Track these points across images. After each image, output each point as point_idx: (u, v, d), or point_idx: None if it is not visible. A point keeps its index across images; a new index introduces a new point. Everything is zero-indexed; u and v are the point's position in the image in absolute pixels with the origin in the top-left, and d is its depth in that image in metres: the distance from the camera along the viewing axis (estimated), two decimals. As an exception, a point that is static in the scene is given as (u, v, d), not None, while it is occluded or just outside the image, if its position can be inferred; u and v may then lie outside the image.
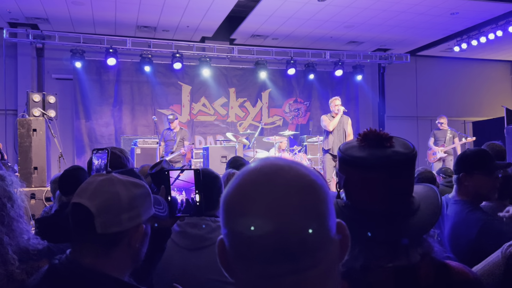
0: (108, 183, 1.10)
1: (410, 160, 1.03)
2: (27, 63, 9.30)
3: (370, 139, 1.05)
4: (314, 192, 0.63)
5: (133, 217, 1.10)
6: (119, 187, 1.10)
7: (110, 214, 1.07)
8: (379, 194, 1.02)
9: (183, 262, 1.77)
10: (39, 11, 8.25)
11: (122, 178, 1.13)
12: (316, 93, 11.30)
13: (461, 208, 2.05)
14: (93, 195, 1.08)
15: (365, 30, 9.66)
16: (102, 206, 1.06)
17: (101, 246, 1.08)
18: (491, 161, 2.08)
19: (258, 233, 0.60)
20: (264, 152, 8.67)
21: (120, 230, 1.08)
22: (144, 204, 1.15)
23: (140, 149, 7.66)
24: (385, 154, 1.01)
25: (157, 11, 8.34)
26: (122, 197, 1.09)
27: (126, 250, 1.12)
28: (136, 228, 1.12)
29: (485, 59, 12.48)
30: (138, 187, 1.14)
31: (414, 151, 1.04)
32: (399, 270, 0.98)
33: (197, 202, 1.39)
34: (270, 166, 0.65)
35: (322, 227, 0.62)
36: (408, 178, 1.05)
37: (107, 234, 1.07)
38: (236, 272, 0.66)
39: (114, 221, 1.07)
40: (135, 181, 1.15)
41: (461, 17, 9.02)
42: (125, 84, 9.87)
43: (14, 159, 7.47)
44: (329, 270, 0.65)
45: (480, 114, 12.45)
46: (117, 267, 1.11)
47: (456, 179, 2.12)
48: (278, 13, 8.57)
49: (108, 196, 1.08)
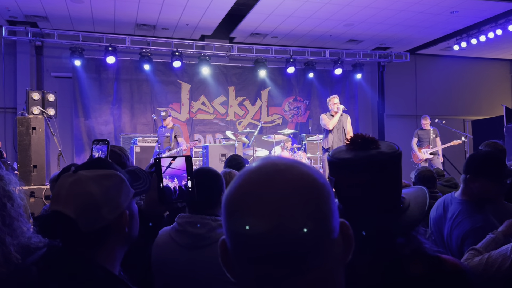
0: (78, 184, 1.09)
1: (394, 159, 1.09)
2: (26, 61, 9.28)
3: (356, 142, 1.10)
4: (316, 192, 0.62)
5: (113, 209, 1.11)
6: (90, 186, 1.09)
7: (90, 213, 1.07)
8: (366, 193, 1.06)
9: (183, 261, 1.77)
10: (38, 9, 8.24)
11: (90, 174, 1.12)
12: (316, 91, 11.29)
13: (465, 208, 2.05)
14: (67, 200, 1.08)
15: (365, 28, 9.65)
16: (79, 209, 1.06)
17: (91, 241, 1.10)
18: (500, 168, 2.06)
19: (260, 234, 0.59)
20: (264, 150, 8.67)
21: (104, 225, 1.09)
22: (121, 192, 1.14)
23: (140, 147, 7.67)
24: (370, 154, 1.07)
25: (156, 9, 8.33)
26: (95, 194, 1.08)
27: (117, 237, 1.13)
28: (120, 216, 1.12)
29: (484, 58, 12.48)
30: (109, 178, 1.13)
31: (399, 151, 1.10)
32: (391, 263, 1.00)
33: (189, 188, 1.40)
34: (271, 165, 0.64)
35: (325, 226, 0.62)
36: (393, 177, 1.09)
37: (93, 231, 1.08)
38: (238, 273, 0.65)
39: (96, 219, 1.08)
40: (104, 172, 1.14)
41: (461, 15, 9.02)
42: (125, 82, 9.86)
43: (13, 157, 7.46)
44: (333, 270, 0.64)
45: (480, 113, 12.45)
46: (111, 255, 1.13)
47: (463, 179, 2.12)
48: (277, 11, 8.56)
49: (82, 198, 1.08)
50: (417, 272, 0.99)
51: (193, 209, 1.84)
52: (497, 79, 13.02)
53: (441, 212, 2.18)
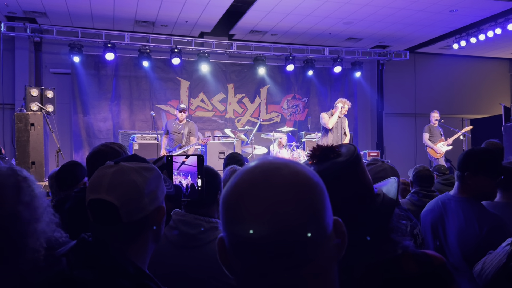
0: (121, 173, 1.12)
1: (350, 164, 1.06)
2: (24, 57, 9.26)
3: (316, 155, 1.09)
4: (310, 190, 0.65)
5: (153, 200, 1.14)
6: (133, 175, 1.12)
7: (133, 202, 1.10)
8: (334, 202, 1.02)
9: (174, 259, 1.76)
10: (37, 5, 8.21)
11: (132, 165, 1.15)
12: (315, 89, 11.29)
13: (466, 205, 2.05)
14: (111, 188, 1.09)
15: (364, 26, 9.65)
16: (123, 197, 1.09)
17: (128, 233, 1.12)
18: (497, 164, 2.08)
19: (256, 231, 0.61)
20: (263, 148, 8.67)
21: (144, 215, 1.12)
22: (160, 185, 1.19)
23: (138, 144, 7.65)
24: (324, 167, 1.05)
25: (155, 6, 8.31)
26: (139, 184, 1.11)
27: (150, 231, 1.16)
28: (158, 209, 1.16)
29: (483, 56, 12.49)
30: (150, 171, 1.17)
31: (354, 156, 1.07)
32: (382, 263, 1.01)
33: (199, 187, 1.42)
34: (267, 165, 0.66)
35: (318, 223, 0.64)
36: (355, 182, 1.06)
37: (132, 221, 1.10)
38: (236, 270, 0.67)
39: (138, 208, 1.10)
40: (144, 165, 1.18)
41: (460, 14, 9.02)
42: (123, 79, 9.84)
43: (11, 153, 7.45)
44: (326, 266, 0.66)
45: (479, 111, 12.47)
46: (142, 250, 1.15)
47: (460, 176, 2.11)
48: (277, 9, 8.55)
49: (126, 186, 1.10)
50: (410, 270, 1.01)
51: (188, 207, 1.82)
52: (496, 78, 13.03)
53: (439, 214, 2.16)
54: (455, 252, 2.02)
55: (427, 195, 3.20)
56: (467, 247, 1.96)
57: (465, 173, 2.07)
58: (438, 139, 8.57)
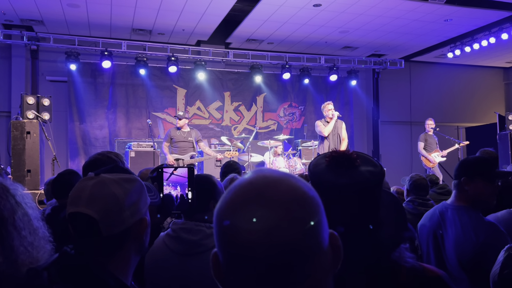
0: (101, 185, 1.09)
1: (379, 180, 1.05)
2: (21, 65, 9.26)
3: (338, 160, 1.06)
4: (305, 205, 0.63)
5: (134, 213, 1.11)
6: (113, 187, 1.09)
7: (113, 215, 1.07)
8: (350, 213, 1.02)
9: (176, 268, 1.76)
10: (34, 13, 8.23)
11: (113, 177, 1.12)
12: (311, 97, 11.34)
13: (462, 213, 2.06)
14: (90, 201, 1.07)
15: (360, 35, 9.72)
16: (103, 210, 1.06)
17: (109, 246, 1.09)
18: (492, 169, 2.10)
19: (251, 248, 0.60)
20: (259, 156, 8.67)
21: (125, 228, 1.09)
22: (141, 197, 1.15)
23: (135, 152, 7.63)
24: (357, 180, 1.02)
25: (152, 14, 8.35)
26: (119, 196, 1.08)
27: (132, 244, 1.13)
28: (140, 221, 1.13)
29: (478, 65, 12.60)
30: (131, 182, 1.14)
31: (382, 169, 1.07)
32: (378, 275, 1.01)
33: (189, 200, 1.41)
34: (262, 179, 0.65)
35: (313, 239, 0.63)
36: (378, 194, 1.06)
37: (113, 234, 1.07)
38: (230, 285, 0.66)
39: (118, 221, 1.08)
40: (125, 176, 1.15)
41: (455, 23, 9.11)
42: (120, 87, 9.85)
43: (7, 161, 7.41)
44: (322, 280, 0.65)
45: (473, 120, 12.55)
46: (124, 262, 1.12)
47: (457, 184, 2.12)
48: (273, 18, 8.60)
49: (106, 199, 1.07)
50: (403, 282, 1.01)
51: (188, 215, 1.83)
52: (491, 87, 13.13)
53: (437, 223, 2.16)
54: (453, 261, 2.02)
55: (422, 203, 3.21)
56: (464, 255, 1.97)
57: (461, 179, 2.08)
58: (433, 148, 8.61)
